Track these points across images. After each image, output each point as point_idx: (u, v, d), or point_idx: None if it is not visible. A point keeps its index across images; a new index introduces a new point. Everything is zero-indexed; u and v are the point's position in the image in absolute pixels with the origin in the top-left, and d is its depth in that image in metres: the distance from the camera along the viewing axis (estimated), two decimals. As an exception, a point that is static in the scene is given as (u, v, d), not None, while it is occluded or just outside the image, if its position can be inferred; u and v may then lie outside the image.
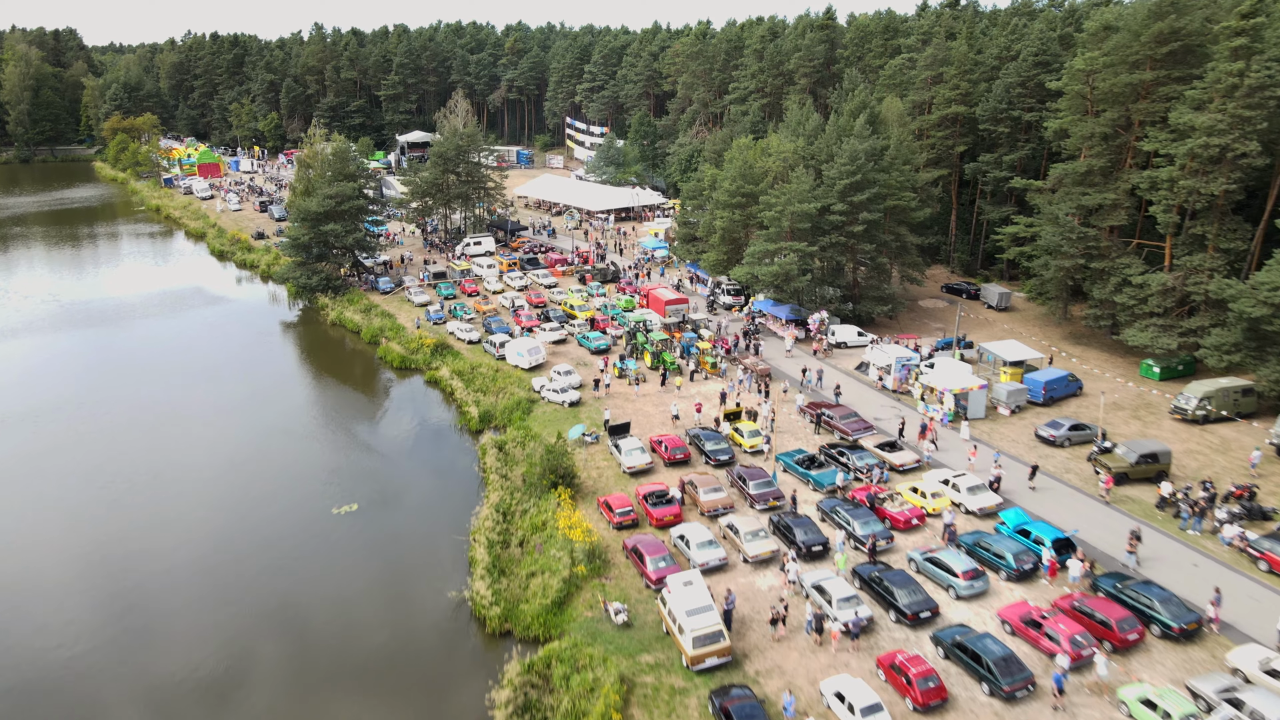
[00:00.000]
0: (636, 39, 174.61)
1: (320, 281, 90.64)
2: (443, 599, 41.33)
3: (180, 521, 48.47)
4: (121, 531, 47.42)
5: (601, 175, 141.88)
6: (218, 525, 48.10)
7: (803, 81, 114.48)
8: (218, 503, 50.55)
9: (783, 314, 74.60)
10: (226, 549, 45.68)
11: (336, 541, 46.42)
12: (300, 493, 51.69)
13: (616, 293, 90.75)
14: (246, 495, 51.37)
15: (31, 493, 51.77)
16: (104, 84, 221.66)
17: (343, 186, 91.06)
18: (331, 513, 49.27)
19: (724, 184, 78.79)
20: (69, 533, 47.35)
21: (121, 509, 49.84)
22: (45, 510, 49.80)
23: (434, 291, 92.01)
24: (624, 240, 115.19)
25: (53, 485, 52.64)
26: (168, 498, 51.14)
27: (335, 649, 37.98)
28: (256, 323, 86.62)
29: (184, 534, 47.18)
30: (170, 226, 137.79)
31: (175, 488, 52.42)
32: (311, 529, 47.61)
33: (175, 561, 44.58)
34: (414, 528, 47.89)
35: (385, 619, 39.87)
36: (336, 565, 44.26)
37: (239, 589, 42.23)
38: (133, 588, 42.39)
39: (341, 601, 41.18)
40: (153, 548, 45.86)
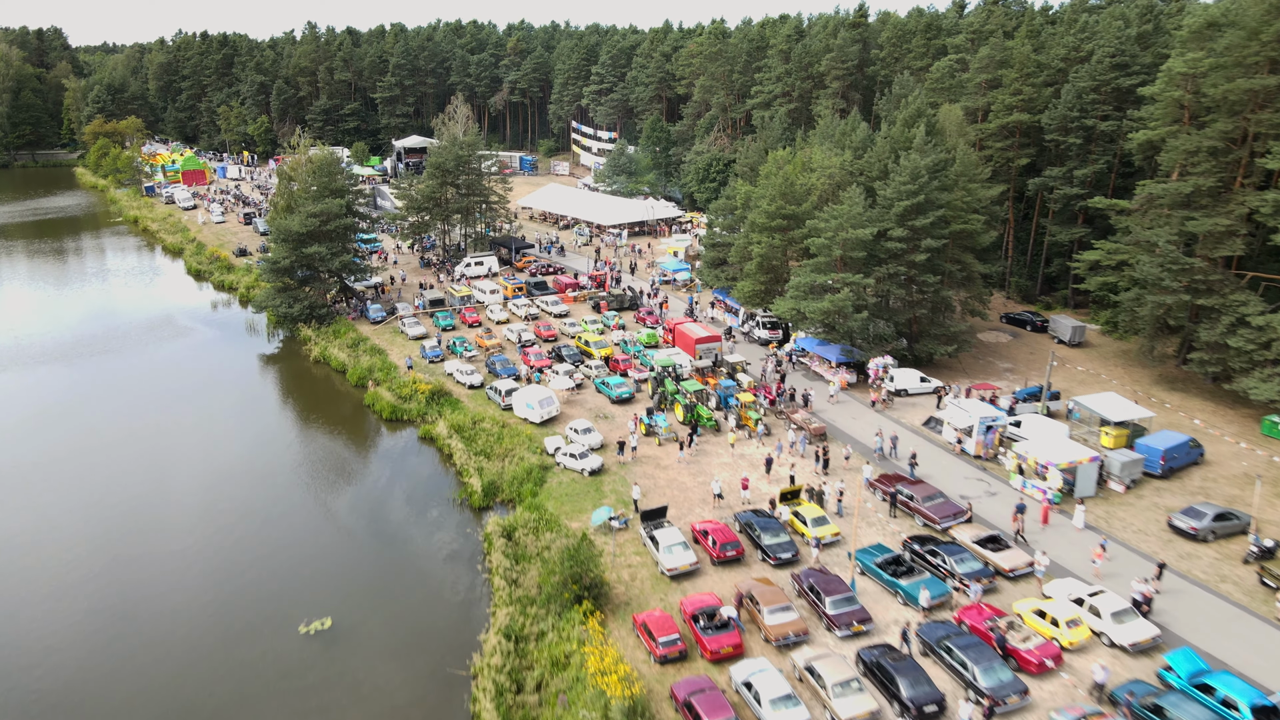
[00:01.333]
0: (647, 38, 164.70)
1: (303, 310, 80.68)
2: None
3: (99, 659, 38.55)
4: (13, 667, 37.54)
5: (612, 185, 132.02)
6: (148, 656, 38.17)
7: (835, 85, 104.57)
8: (150, 624, 40.60)
9: (831, 355, 64.69)
10: (155, 695, 35.75)
11: (301, 678, 36.47)
12: (262, 601, 41.72)
13: (635, 323, 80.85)
14: (191, 608, 41.43)
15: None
16: (86, 86, 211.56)
17: (329, 204, 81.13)
18: (299, 631, 39.34)
19: (761, 204, 68.87)
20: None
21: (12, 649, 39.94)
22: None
23: (430, 321, 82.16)
24: (639, 259, 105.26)
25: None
26: (77, 629, 41.24)
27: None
28: (228, 359, 76.62)
29: (101, 675, 37.26)
30: (148, 240, 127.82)
31: (92, 615, 42.50)
32: (270, 658, 37.66)
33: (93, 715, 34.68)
34: (401, 655, 37.95)
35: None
36: (301, 715, 34.35)
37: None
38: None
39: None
40: (64, 702, 35.95)
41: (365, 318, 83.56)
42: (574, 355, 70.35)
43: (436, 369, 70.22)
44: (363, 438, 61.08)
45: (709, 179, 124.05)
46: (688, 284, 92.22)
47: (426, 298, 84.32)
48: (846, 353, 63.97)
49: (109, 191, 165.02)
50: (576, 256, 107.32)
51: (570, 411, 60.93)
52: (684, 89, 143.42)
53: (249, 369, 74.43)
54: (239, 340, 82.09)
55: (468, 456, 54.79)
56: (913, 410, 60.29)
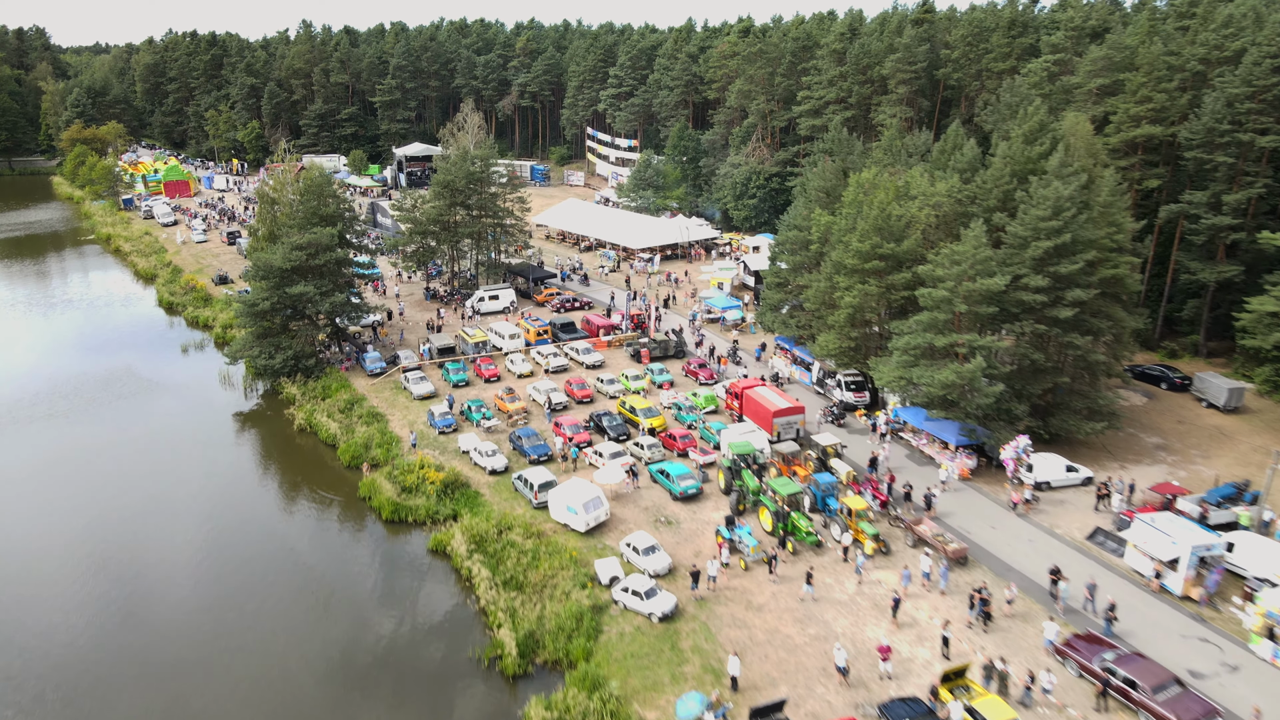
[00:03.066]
0: (670, 38, 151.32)
1: (285, 361, 67.20)
2: None
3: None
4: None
5: (636, 200, 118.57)
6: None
7: (901, 90, 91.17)
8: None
9: (948, 434, 51.27)
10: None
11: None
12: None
13: (683, 375, 67.42)
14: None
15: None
16: (64, 89, 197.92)
17: (318, 233, 67.70)
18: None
19: (851, 240, 55.42)
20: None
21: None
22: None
23: (439, 374, 68.80)
24: (675, 289, 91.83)
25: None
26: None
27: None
28: (193, 427, 63.01)
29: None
30: (121, 263, 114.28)
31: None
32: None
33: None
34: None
35: None
36: None
37: None
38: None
39: None
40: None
41: (361, 364, 70.23)
42: (617, 425, 56.94)
43: (449, 443, 56.81)
44: (355, 549, 47.54)
45: (748, 194, 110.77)
46: (738, 324, 78.80)
47: (434, 344, 70.83)
48: (968, 433, 50.51)
49: (84, 204, 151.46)
50: (603, 286, 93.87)
51: (623, 513, 47.55)
52: (714, 93, 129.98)
53: (216, 441, 60.83)
54: (209, 398, 68.53)
55: (494, 588, 41.33)
56: (1064, 513, 46.87)
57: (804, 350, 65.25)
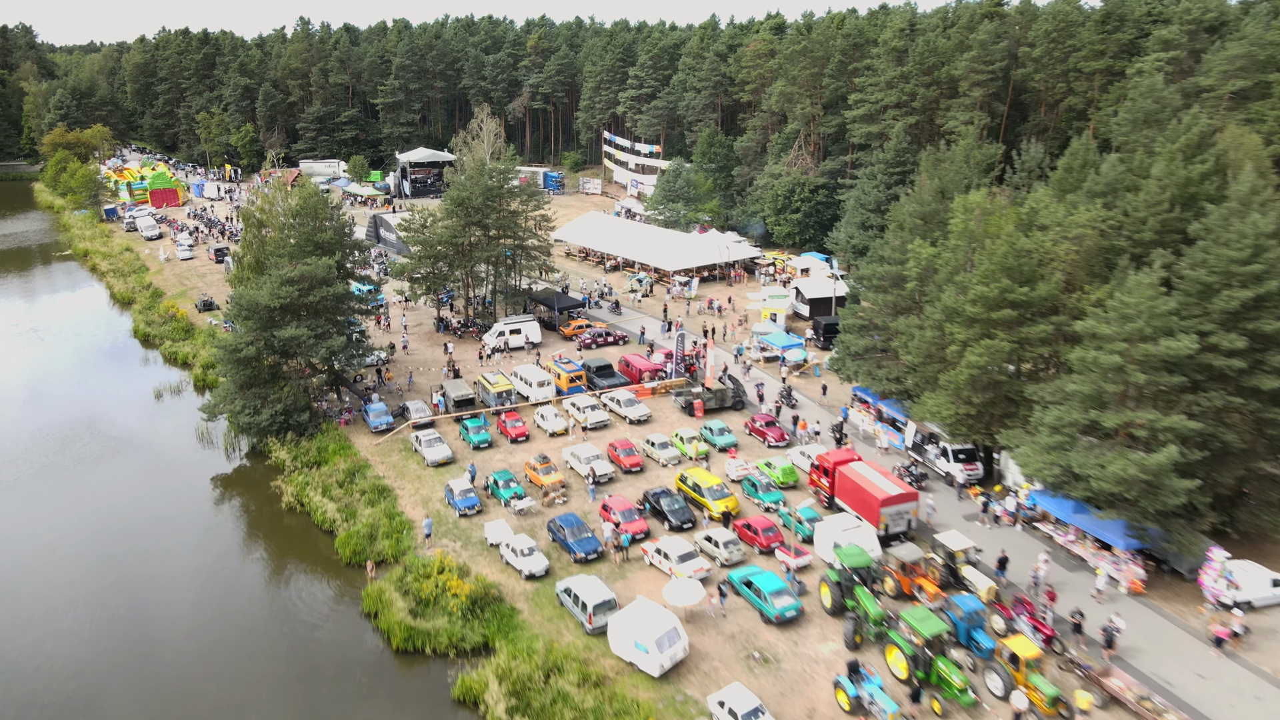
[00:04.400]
0: (695, 35, 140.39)
1: (273, 418, 56.35)
2: None
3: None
4: None
5: (664, 213, 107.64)
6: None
7: (975, 93, 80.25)
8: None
9: (1110, 535, 40.41)
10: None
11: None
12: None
13: (745, 433, 56.60)
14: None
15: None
16: (48, 90, 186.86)
17: (313, 264, 56.89)
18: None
19: (972, 283, 44.54)
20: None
21: None
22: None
23: (456, 430, 57.98)
24: (718, 318, 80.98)
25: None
26: None
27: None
28: (158, 504, 51.95)
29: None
30: (98, 282, 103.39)
31: None
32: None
33: None
34: None
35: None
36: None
37: None
38: None
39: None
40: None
41: (364, 417, 59.42)
42: (680, 510, 46.10)
43: (472, 530, 46.00)
44: (356, 704, 36.63)
45: (790, 208, 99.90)
46: (800, 366, 67.96)
47: (450, 395, 59.91)
48: (1138, 533, 39.63)
49: (64, 214, 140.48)
50: (635, 314, 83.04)
51: (702, 642, 36.72)
52: (748, 95, 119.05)
53: (184, 527, 49.71)
54: (182, 462, 57.57)
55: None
56: (1272, 642, 36.08)
57: (894, 405, 54.40)
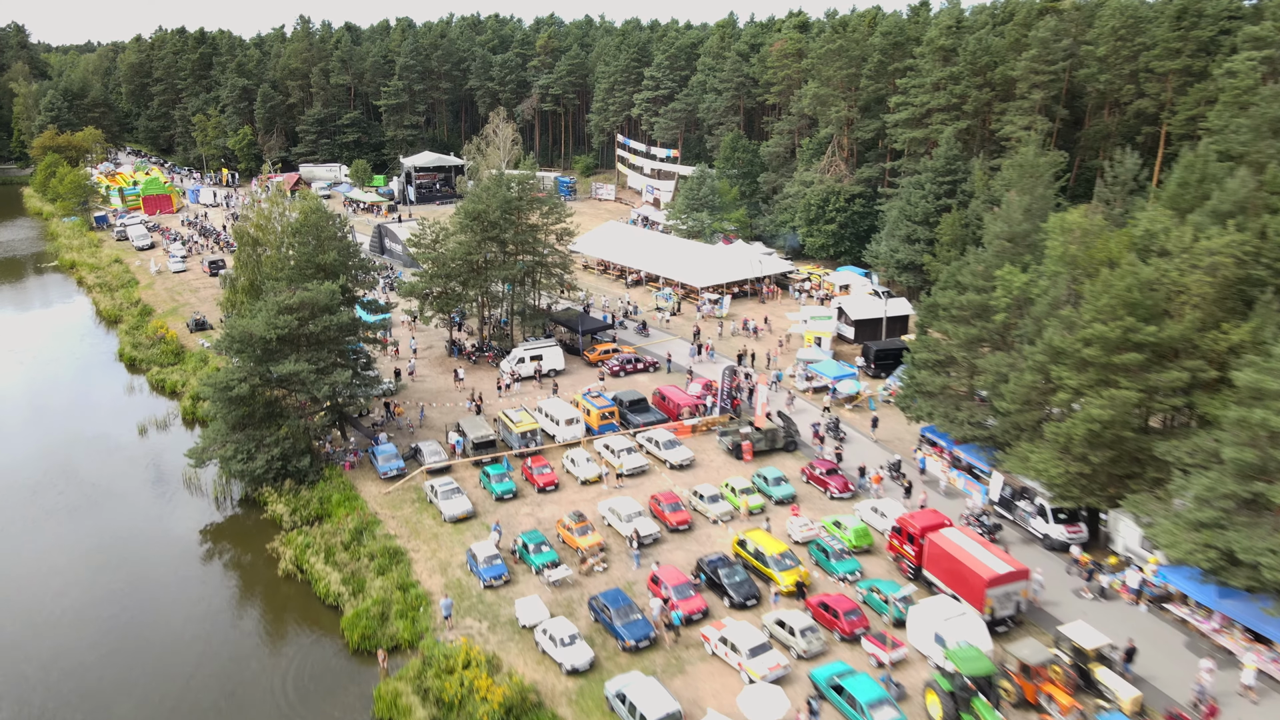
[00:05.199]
0: (714, 34, 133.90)
1: (270, 464, 49.79)
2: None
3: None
4: None
5: (688, 223, 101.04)
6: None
7: (1035, 95, 73.65)
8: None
9: (1260, 622, 33.90)
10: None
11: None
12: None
13: (803, 481, 50.07)
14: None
15: None
16: (38, 91, 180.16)
17: (313, 291, 50.39)
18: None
19: (1086, 320, 38.00)
20: None
21: None
22: None
23: (476, 477, 51.47)
24: (756, 341, 74.46)
25: None
26: None
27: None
28: (137, 565, 45.50)
29: None
30: (85, 297, 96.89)
31: None
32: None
33: None
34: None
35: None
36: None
37: None
38: None
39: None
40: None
41: (371, 459, 52.93)
42: (741, 584, 39.59)
43: (500, 606, 39.50)
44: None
45: (824, 218, 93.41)
46: (854, 399, 61.40)
47: (468, 436, 53.30)
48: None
49: (53, 222, 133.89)
50: (664, 335, 76.53)
51: (790, 771, 30.19)
52: (774, 97, 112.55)
53: (165, 595, 43.15)
54: (165, 514, 50.97)
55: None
56: None
57: (975, 452, 47.88)
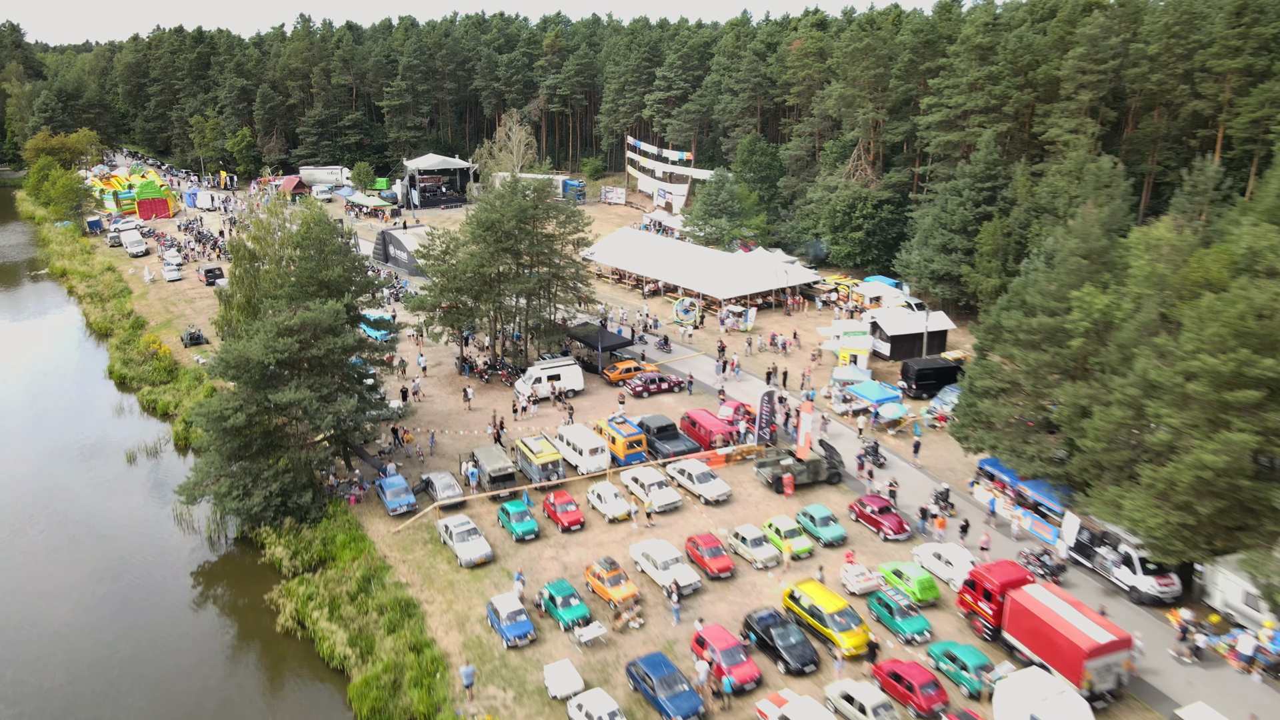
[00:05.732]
0: (727, 33, 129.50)
1: (268, 500, 45.41)
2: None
3: None
4: None
5: (706, 229, 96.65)
6: None
7: (1083, 96, 69.25)
8: None
9: None
10: None
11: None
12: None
13: (850, 516, 45.63)
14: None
15: None
16: (32, 91, 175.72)
17: (315, 311, 46.05)
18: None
19: (1188, 350, 33.62)
20: None
21: None
22: None
23: (494, 513, 47.11)
24: (784, 357, 70.09)
25: None
26: None
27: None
28: (123, 615, 41.14)
29: None
30: (74, 306, 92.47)
31: None
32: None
33: None
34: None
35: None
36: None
37: None
38: None
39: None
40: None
41: (380, 492, 48.58)
42: (797, 647, 35.23)
43: (526, 670, 35.12)
44: None
45: (850, 225, 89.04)
46: (897, 424, 56.96)
47: (484, 468, 48.85)
48: None
49: (45, 227, 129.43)
50: (687, 351, 72.14)
51: None
52: (794, 98, 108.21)
53: (151, 654, 38.78)
54: (155, 552, 46.54)
55: None
56: None
57: (1044, 491, 43.50)
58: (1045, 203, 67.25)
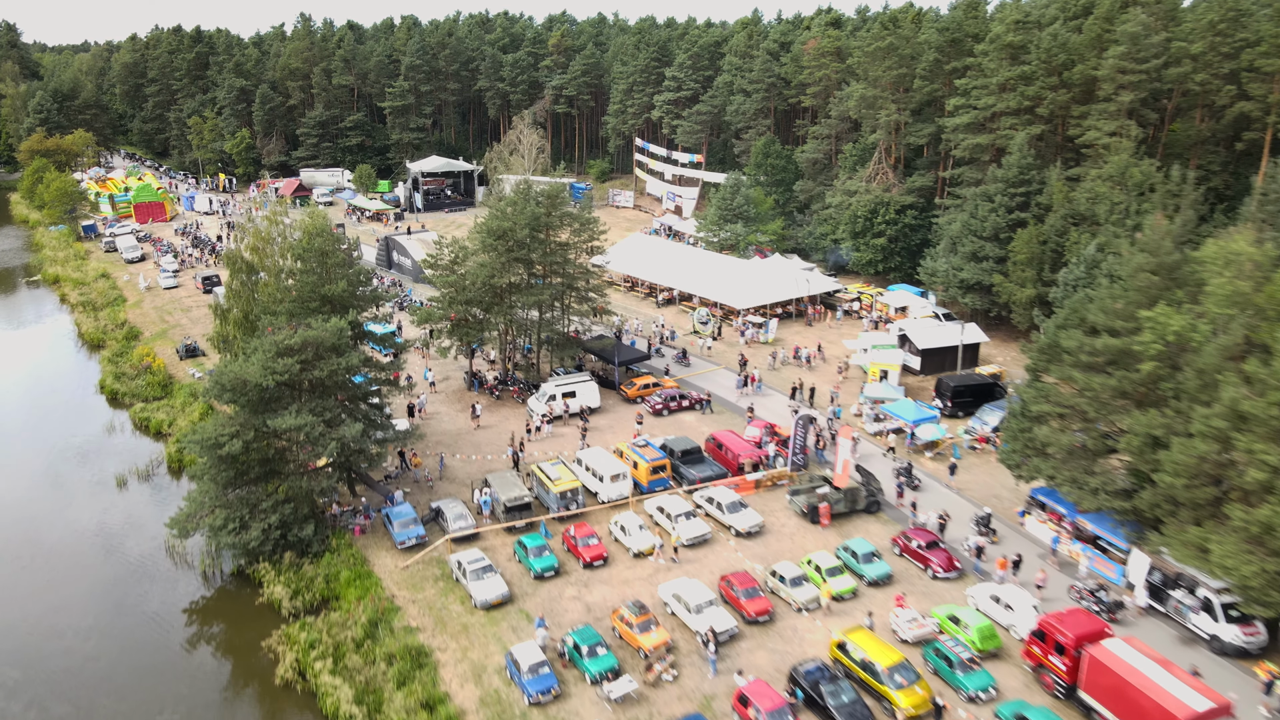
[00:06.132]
0: (739, 32, 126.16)
1: (266, 534, 42.07)
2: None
3: None
4: None
5: (720, 235, 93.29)
6: None
7: (1125, 98, 65.87)
8: None
9: None
10: None
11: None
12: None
13: (893, 550, 42.23)
14: None
15: None
16: (27, 92, 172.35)
17: (318, 330, 42.74)
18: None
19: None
20: None
21: None
22: None
23: (510, 545, 43.75)
24: (809, 371, 66.71)
25: None
26: None
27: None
28: (104, 667, 37.91)
29: None
30: (67, 314, 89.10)
31: None
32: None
33: None
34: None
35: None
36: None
37: None
38: None
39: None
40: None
41: (386, 525, 45.26)
42: (849, 703, 31.88)
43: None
44: None
45: (872, 231, 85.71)
46: (936, 445, 53.59)
47: (499, 497, 45.47)
48: None
49: (39, 231, 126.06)
50: (705, 364, 68.78)
51: None
52: (811, 99, 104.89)
53: (135, 709, 35.62)
54: (144, 588, 43.22)
55: None
56: None
57: (1108, 525, 40.14)
58: (1084, 209, 64.01)
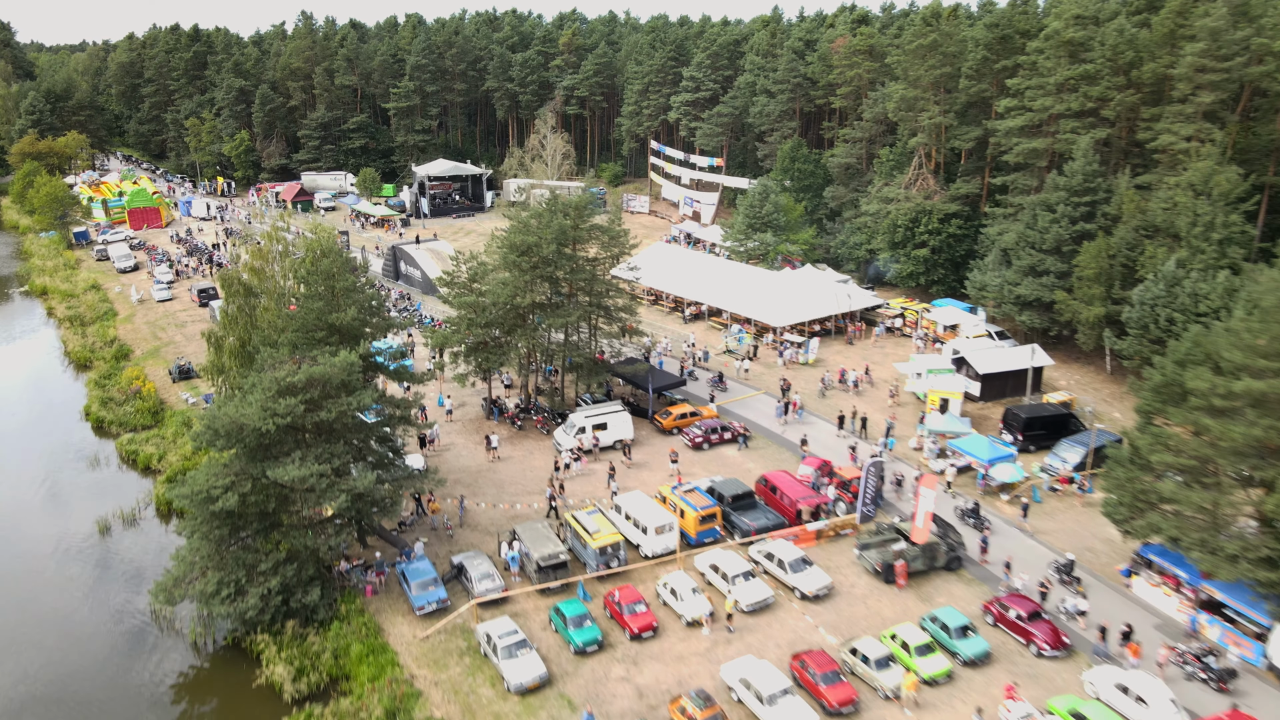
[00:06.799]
0: (760, 30, 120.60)
1: (266, 601, 36.53)
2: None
3: None
4: None
5: (748, 244, 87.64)
6: None
7: (1203, 98, 60.33)
8: None
9: None
10: None
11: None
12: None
13: (985, 618, 36.61)
14: None
15: None
16: (18, 92, 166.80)
17: (325, 366, 37.20)
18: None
19: None
20: None
21: None
22: None
23: (546, 614, 38.19)
24: (856, 396, 61.11)
25: None
26: None
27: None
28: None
29: None
30: (54, 329, 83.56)
31: None
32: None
33: None
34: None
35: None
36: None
37: None
38: None
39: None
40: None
41: (401, 584, 39.76)
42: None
43: None
44: None
45: (913, 242, 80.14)
46: (1009, 488, 47.99)
47: (531, 554, 39.89)
48: None
49: (29, 238, 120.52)
50: (743, 389, 63.19)
51: None
52: (841, 101, 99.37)
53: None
54: (126, 662, 37.69)
55: None
56: None
57: (1246, 598, 34.57)
58: (1160, 221, 58.57)
